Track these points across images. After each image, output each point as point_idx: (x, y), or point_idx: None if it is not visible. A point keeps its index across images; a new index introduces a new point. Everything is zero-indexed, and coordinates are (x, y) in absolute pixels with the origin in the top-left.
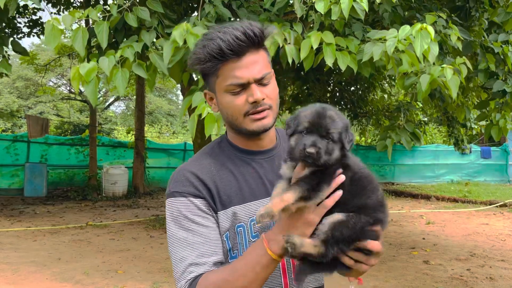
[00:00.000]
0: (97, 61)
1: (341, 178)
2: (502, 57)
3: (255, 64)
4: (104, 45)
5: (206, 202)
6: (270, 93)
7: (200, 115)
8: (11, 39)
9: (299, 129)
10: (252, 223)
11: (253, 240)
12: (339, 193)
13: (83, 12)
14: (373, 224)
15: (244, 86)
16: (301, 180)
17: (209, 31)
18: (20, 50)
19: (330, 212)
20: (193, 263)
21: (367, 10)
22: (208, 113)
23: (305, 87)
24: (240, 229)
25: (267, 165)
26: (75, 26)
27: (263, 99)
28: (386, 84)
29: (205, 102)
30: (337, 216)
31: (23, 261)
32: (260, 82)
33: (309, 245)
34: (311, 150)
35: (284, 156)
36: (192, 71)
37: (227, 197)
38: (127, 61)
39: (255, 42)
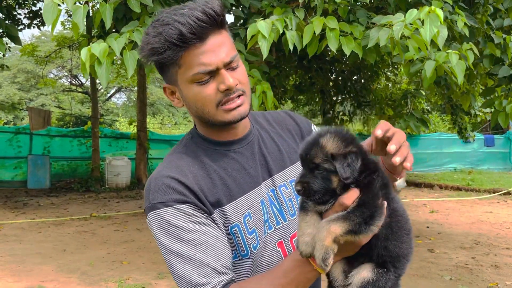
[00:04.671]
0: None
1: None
2: (503, 47)
3: (221, 47)
4: (108, 25)
5: (196, 206)
6: (241, 77)
7: None
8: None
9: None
10: (245, 219)
11: (250, 236)
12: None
13: None
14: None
15: (212, 73)
16: (351, 211)
17: (161, 15)
18: (14, 35)
19: (361, 253)
20: (207, 274)
21: None
22: None
23: (307, 76)
24: (235, 229)
25: (247, 153)
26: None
27: (236, 85)
28: (389, 73)
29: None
30: (365, 274)
31: (28, 253)
32: (229, 66)
33: None
34: (297, 187)
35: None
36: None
37: (215, 198)
38: (129, 46)
39: (217, 21)
